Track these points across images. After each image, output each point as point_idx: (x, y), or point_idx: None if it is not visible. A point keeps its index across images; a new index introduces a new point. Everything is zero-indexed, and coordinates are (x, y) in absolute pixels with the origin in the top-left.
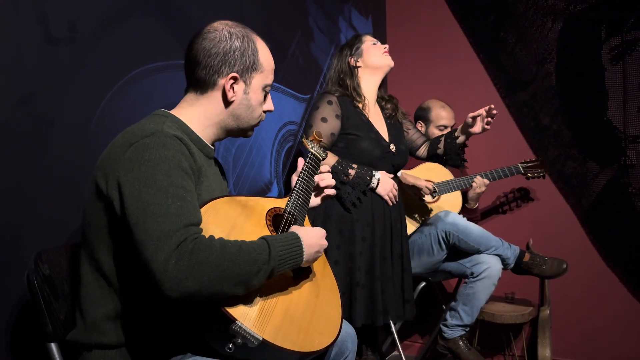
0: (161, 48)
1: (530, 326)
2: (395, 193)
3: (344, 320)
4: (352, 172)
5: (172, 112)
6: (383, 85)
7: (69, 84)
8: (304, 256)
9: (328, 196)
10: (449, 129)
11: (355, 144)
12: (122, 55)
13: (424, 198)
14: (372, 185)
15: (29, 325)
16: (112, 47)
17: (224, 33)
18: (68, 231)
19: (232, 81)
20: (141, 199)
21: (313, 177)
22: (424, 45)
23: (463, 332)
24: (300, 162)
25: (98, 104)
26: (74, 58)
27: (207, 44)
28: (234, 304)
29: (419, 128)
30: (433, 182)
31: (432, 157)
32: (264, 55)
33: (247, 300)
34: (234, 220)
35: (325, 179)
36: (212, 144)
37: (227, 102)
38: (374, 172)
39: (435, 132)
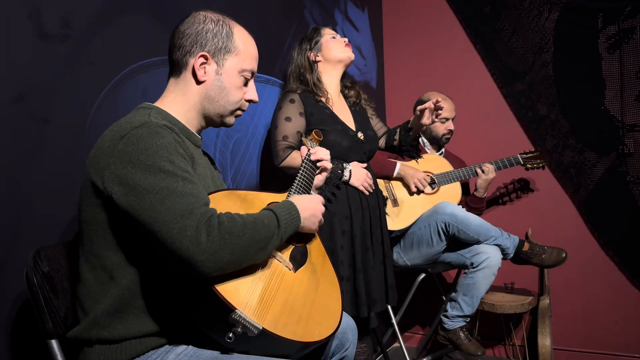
0: (156, 43)
1: (530, 316)
2: (370, 182)
3: (344, 312)
4: None
5: (156, 103)
6: (346, 76)
7: (63, 81)
8: (301, 220)
9: (324, 168)
10: (450, 122)
11: (323, 138)
12: (117, 51)
13: (423, 189)
14: (345, 177)
15: (29, 323)
16: (106, 43)
17: (199, 17)
18: (66, 228)
19: (201, 59)
20: (151, 185)
21: (312, 173)
22: (421, 37)
23: (463, 323)
24: (304, 150)
25: (93, 100)
26: (68, 54)
27: (182, 27)
28: (233, 293)
29: None
30: (432, 174)
31: (389, 148)
32: (241, 40)
33: (247, 289)
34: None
35: (317, 151)
36: (199, 133)
37: (198, 82)
38: (344, 164)
39: (436, 125)
